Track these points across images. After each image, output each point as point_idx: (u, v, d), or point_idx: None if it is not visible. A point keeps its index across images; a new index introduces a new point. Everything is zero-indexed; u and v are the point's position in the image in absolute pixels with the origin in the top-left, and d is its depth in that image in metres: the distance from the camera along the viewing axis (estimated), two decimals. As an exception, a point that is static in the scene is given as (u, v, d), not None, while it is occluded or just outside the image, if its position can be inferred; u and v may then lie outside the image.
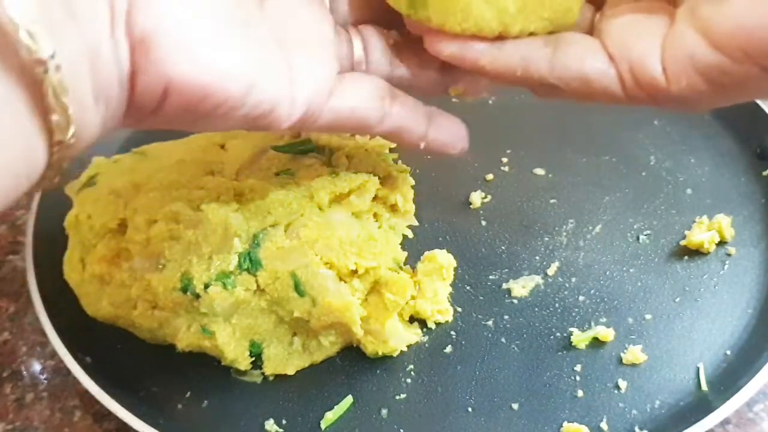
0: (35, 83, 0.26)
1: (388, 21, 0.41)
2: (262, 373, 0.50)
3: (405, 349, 0.51)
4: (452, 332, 0.52)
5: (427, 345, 0.52)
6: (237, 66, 0.32)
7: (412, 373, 0.50)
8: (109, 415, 0.48)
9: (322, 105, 0.37)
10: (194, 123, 0.34)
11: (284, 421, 0.47)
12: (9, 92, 0.26)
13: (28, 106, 0.26)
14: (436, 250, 0.54)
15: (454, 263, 0.55)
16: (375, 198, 0.54)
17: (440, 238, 0.59)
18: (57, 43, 0.26)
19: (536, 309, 0.53)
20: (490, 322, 0.53)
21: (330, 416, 0.47)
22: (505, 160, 0.65)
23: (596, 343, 0.51)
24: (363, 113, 0.39)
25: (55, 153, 0.28)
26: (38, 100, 0.26)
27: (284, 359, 0.50)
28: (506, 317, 0.53)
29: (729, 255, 0.56)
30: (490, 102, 0.72)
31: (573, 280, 0.55)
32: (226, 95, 0.32)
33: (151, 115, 0.33)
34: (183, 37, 0.30)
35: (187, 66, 0.30)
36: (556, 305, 0.54)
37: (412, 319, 0.53)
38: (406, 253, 0.56)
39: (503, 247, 0.58)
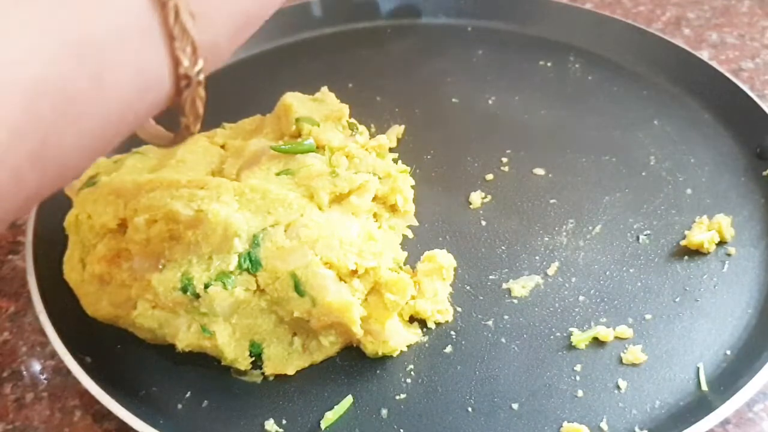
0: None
1: None
2: (262, 373, 0.49)
3: (405, 349, 0.51)
4: (452, 332, 0.52)
5: (427, 345, 0.51)
6: None
7: (412, 373, 0.50)
8: (109, 415, 0.48)
9: None
10: None
11: (284, 421, 0.47)
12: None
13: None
14: (436, 250, 0.54)
15: (454, 263, 0.55)
16: (375, 198, 0.54)
17: (440, 238, 0.59)
18: None
19: (536, 309, 0.53)
20: (490, 322, 0.53)
21: (330, 416, 0.47)
22: (505, 160, 0.65)
23: (596, 343, 0.51)
24: None
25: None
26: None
27: (284, 359, 0.50)
28: (506, 317, 0.53)
29: (729, 255, 0.56)
30: (490, 102, 0.72)
31: (573, 280, 0.55)
32: None
33: None
34: None
35: None
36: (556, 305, 0.54)
37: (412, 319, 0.52)
38: (406, 253, 0.56)
39: (503, 247, 0.58)
